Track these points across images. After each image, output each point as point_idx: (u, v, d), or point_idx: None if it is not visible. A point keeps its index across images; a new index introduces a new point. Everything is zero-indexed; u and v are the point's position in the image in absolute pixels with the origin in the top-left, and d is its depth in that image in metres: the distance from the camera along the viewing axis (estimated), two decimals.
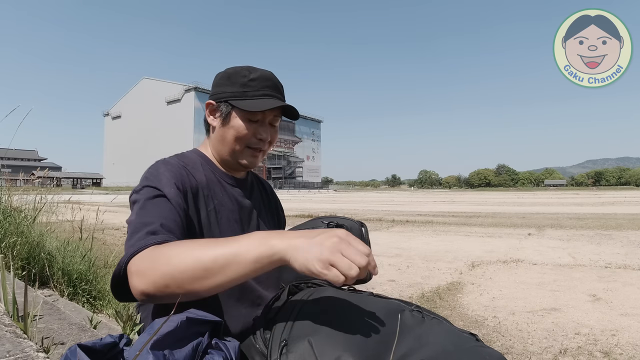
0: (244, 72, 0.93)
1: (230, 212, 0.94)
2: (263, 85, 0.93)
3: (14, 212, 2.58)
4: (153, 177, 0.84)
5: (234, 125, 0.93)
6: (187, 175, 0.90)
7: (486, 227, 9.85)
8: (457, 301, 3.69)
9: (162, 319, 0.57)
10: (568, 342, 2.69)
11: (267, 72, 0.95)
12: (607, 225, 9.97)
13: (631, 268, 4.98)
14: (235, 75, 0.94)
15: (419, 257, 5.89)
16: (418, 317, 0.68)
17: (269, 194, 1.16)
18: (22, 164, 45.49)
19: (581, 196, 37.76)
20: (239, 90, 0.92)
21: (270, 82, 0.94)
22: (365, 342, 0.59)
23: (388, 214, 14.35)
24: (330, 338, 0.59)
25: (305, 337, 0.60)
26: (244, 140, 0.94)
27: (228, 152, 0.96)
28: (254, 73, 0.93)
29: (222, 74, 0.97)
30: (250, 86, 0.92)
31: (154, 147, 69.93)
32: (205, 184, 0.93)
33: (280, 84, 0.97)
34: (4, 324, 1.02)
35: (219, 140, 0.96)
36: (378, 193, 67.20)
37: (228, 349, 0.59)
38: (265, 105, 0.90)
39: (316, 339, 0.59)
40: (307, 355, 0.57)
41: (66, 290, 2.27)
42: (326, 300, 0.70)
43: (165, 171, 0.85)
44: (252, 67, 0.96)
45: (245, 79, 0.92)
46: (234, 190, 0.98)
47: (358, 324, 0.63)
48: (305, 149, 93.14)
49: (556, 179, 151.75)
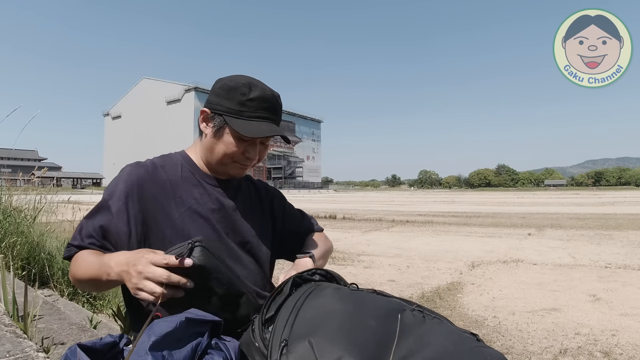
0: (243, 89, 0.91)
1: (209, 212, 0.94)
2: (260, 107, 0.92)
3: (14, 212, 2.58)
4: (110, 188, 0.92)
5: (225, 141, 0.93)
6: (153, 181, 0.92)
7: (486, 227, 9.85)
8: (457, 301, 3.69)
9: (162, 320, 0.56)
10: (568, 342, 2.69)
11: (268, 93, 0.93)
12: (607, 225, 9.97)
13: (631, 268, 4.98)
14: (234, 90, 0.92)
15: (419, 257, 5.88)
16: (419, 316, 0.67)
17: (262, 194, 1.13)
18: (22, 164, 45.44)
19: (581, 196, 37.76)
20: (235, 107, 0.91)
21: (268, 104, 0.93)
22: (365, 342, 0.59)
23: (388, 214, 14.35)
24: (331, 338, 0.59)
25: (305, 337, 0.60)
26: (231, 156, 0.94)
27: (215, 162, 0.97)
28: (254, 92, 0.92)
29: (222, 83, 0.95)
30: (248, 106, 0.91)
31: (154, 147, 69.86)
32: (181, 185, 0.94)
33: (279, 103, 0.96)
34: (4, 324, 1.02)
35: (208, 149, 0.96)
36: (378, 193, 67.21)
37: (228, 349, 0.59)
38: (258, 131, 0.90)
39: (316, 339, 0.59)
40: (308, 356, 0.57)
41: (66, 290, 2.27)
42: (327, 299, 0.69)
43: (122, 182, 0.91)
44: (254, 82, 0.94)
45: (244, 98, 0.91)
46: (215, 191, 0.98)
47: (359, 324, 0.63)
48: (305, 149, 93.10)
49: (556, 179, 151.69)
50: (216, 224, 0.95)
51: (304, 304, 0.67)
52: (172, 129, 73.96)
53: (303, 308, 0.66)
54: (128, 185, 0.89)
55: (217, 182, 0.99)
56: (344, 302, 0.68)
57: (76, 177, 75.99)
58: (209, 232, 0.93)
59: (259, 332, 0.65)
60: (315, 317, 0.64)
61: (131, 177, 0.90)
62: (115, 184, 0.91)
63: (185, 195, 0.93)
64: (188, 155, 1.01)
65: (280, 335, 0.61)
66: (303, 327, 0.62)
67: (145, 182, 0.90)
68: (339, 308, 0.66)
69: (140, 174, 0.91)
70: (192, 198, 0.94)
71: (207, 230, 0.93)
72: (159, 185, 0.92)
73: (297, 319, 0.64)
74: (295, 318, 0.64)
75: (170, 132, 73.72)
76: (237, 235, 0.98)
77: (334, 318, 0.63)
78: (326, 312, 0.65)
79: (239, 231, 0.99)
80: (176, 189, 0.93)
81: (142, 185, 0.90)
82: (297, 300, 0.68)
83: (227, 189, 1.01)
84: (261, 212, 1.10)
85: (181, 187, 0.94)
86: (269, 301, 0.70)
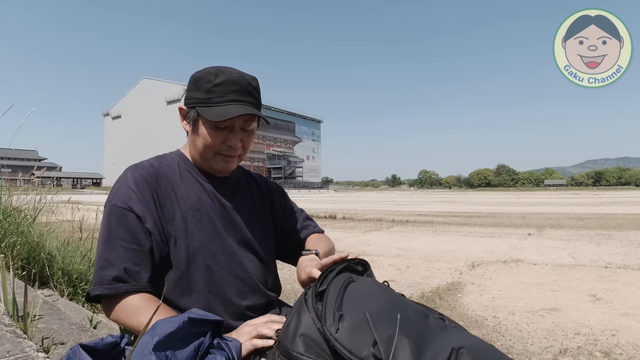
0: (209, 76, 0.89)
1: (210, 210, 0.94)
2: (228, 90, 0.88)
3: (14, 212, 2.57)
4: (122, 194, 0.86)
5: (202, 134, 0.91)
6: (157, 179, 0.90)
7: (486, 227, 9.85)
8: (457, 301, 3.69)
9: (165, 320, 0.56)
10: (568, 342, 2.69)
11: (235, 75, 0.90)
12: (607, 225, 9.97)
13: (631, 268, 4.98)
14: (201, 80, 0.90)
15: (419, 257, 5.88)
16: (442, 323, 0.69)
17: (262, 190, 1.11)
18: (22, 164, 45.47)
19: (581, 196, 37.77)
20: (203, 96, 0.89)
21: (236, 85, 0.89)
22: (410, 329, 0.62)
23: (388, 214, 14.35)
24: (383, 315, 0.63)
25: (360, 309, 0.64)
26: (212, 148, 0.92)
27: (199, 158, 0.95)
28: (220, 77, 0.89)
29: (192, 77, 0.93)
30: (215, 92, 0.88)
31: (154, 147, 69.76)
32: (181, 184, 0.93)
33: (252, 85, 0.92)
34: (4, 324, 1.02)
35: (192, 145, 0.96)
36: (378, 193, 67.22)
37: (230, 348, 0.59)
38: (228, 113, 0.86)
39: (370, 313, 0.62)
40: (363, 325, 0.60)
41: (66, 290, 2.27)
42: (370, 285, 0.74)
43: (132, 186, 0.87)
44: (221, 69, 0.91)
45: (210, 85, 0.88)
46: (213, 188, 0.97)
47: (402, 312, 0.66)
48: (305, 149, 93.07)
49: (556, 179, 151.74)
50: (217, 222, 0.94)
51: (349, 286, 0.71)
52: (172, 129, 73.86)
53: (350, 287, 0.71)
54: (140, 188, 0.87)
55: (214, 180, 0.98)
56: (386, 292, 0.72)
57: (76, 177, 75.98)
58: (210, 231, 0.92)
59: (312, 303, 0.68)
60: (363, 296, 0.68)
61: (140, 179, 0.89)
62: (127, 189, 0.87)
63: (185, 195, 0.93)
64: (183, 154, 1.00)
65: (334, 305, 0.65)
66: (355, 302, 0.66)
67: (149, 183, 0.89)
68: (383, 295, 0.70)
69: (144, 175, 0.90)
70: (193, 197, 0.93)
71: (209, 229, 0.92)
72: (162, 185, 0.91)
73: (345, 296, 0.68)
74: (343, 295, 0.68)
75: (170, 132, 73.63)
76: (237, 233, 0.97)
77: (381, 301, 0.67)
78: (371, 295, 0.69)
79: (239, 229, 0.98)
80: (176, 188, 0.92)
81: (149, 186, 0.89)
82: (344, 282, 0.72)
83: (225, 186, 1.00)
84: (262, 209, 1.08)
85: (180, 186, 0.93)
86: (321, 277, 0.74)
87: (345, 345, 0.58)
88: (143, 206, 0.85)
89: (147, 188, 0.88)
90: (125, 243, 0.82)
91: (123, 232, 0.83)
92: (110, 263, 0.81)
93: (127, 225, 0.83)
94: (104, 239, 0.84)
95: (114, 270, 0.81)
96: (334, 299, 0.66)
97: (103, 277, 0.81)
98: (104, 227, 0.85)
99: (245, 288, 0.94)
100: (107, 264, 0.82)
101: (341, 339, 0.59)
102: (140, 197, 0.86)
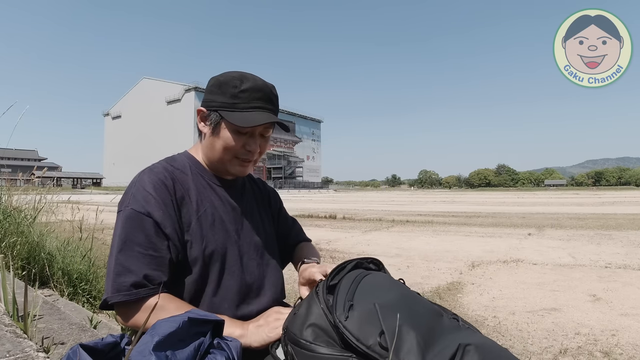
0: (235, 81, 0.91)
1: (223, 214, 0.94)
2: (254, 97, 0.90)
3: (14, 212, 2.57)
4: (140, 198, 0.85)
5: (223, 137, 0.92)
6: (174, 183, 0.90)
7: (486, 227, 9.85)
8: (457, 301, 3.69)
9: (165, 320, 0.56)
10: (568, 342, 2.69)
11: (260, 83, 0.92)
12: (607, 225, 9.96)
13: (631, 268, 4.98)
14: (226, 84, 0.91)
15: (419, 257, 5.88)
16: (455, 323, 0.70)
17: (262, 192, 1.14)
18: (22, 163, 45.47)
19: (581, 196, 37.77)
20: (228, 101, 0.90)
21: (261, 93, 0.91)
22: (420, 323, 0.63)
23: (388, 214, 14.35)
24: (392, 307, 0.64)
25: (370, 301, 0.65)
26: (232, 151, 0.93)
27: (217, 160, 0.96)
28: (246, 83, 0.90)
29: (214, 80, 0.94)
30: (241, 98, 0.90)
31: (154, 147, 69.87)
32: (194, 188, 0.93)
33: (273, 94, 0.94)
34: (4, 324, 1.02)
35: (209, 147, 0.95)
36: (378, 193, 67.22)
37: (230, 348, 0.59)
38: (253, 120, 0.89)
39: (379, 305, 0.64)
40: (372, 315, 0.62)
41: (66, 290, 2.27)
42: (383, 280, 0.76)
43: (151, 191, 0.85)
44: (245, 75, 0.93)
45: (236, 90, 0.90)
46: (224, 192, 0.98)
47: (413, 306, 0.67)
48: (305, 149, 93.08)
49: (556, 179, 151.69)
50: (229, 226, 0.95)
51: (362, 279, 0.73)
52: (172, 129, 73.94)
53: (363, 280, 0.73)
54: (158, 193, 0.86)
55: (224, 183, 0.99)
56: (400, 287, 0.74)
57: (76, 177, 75.97)
58: (224, 236, 0.93)
59: (323, 295, 0.70)
60: (376, 290, 0.70)
61: (157, 182, 0.88)
62: (145, 193, 0.86)
63: (199, 199, 0.92)
64: (193, 157, 1.00)
65: (344, 297, 0.67)
66: (365, 295, 0.68)
67: (168, 187, 0.89)
68: (395, 289, 0.72)
69: (162, 179, 0.89)
70: (206, 201, 0.93)
71: (222, 233, 0.93)
72: (178, 190, 0.90)
73: (357, 288, 0.70)
74: (356, 288, 0.70)
75: (170, 132, 73.70)
76: (247, 237, 0.98)
77: (393, 295, 0.69)
78: (384, 289, 0.71)
79: (249, 232, 0.99)
80: (190, 192, 0.92)
81: (167, 190, 0.88)
82: (357, 275, 0.74)
83: (234, 190, 1.01)
84: (265, 212, 1.11)
85: (194, 190, 0.93)
86: (333, 272, 0.76)
87: (353, 333, 0.61)
88: (162, 211, 0.84)
89: (166, 192, 0.87)
90: (142, 249, 0.81)
91: (140, 238, 0.82)
92: (127, 269, 0.80)
93: (144, 230, 0.82)
94: (119, 245, 0.82)
95: (132, 277, 0.79)
96: (345, 291, 0.68)
97: (121, 284, 0.79)
98: (120, 232, 0.83)
99: (255, 292, 0.96)
100: (124, 270, 0.80)
101: (350, 327, 0.62)
102: (159, 202, 0.85)
